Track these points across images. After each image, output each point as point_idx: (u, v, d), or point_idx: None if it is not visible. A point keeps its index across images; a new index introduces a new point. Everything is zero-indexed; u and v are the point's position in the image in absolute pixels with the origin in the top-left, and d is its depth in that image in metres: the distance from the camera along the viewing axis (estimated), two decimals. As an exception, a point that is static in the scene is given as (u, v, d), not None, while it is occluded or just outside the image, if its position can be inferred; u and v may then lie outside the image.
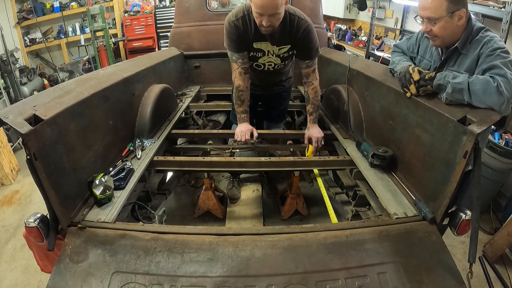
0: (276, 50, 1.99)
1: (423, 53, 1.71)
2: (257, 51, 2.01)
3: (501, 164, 2.58)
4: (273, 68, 2.11)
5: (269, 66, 2.10)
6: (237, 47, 1.95)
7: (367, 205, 1.80)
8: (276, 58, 2.04)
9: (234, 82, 2.05)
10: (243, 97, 2.05)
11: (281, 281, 1.17)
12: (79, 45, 6.45)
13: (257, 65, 2.09)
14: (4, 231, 2.72)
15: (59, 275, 1.16)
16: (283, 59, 2.06)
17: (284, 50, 2.01)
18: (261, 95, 2.37)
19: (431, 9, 1.42)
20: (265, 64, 2.08)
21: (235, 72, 2.02)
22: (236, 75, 2.02)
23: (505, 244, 2.30)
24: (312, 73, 2.05)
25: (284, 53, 2.02)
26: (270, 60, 2.05)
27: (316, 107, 2.13)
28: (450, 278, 1.19)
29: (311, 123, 2.16)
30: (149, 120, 2.12)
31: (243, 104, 2.07)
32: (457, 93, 1.30)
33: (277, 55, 2.02)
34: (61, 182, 1.30)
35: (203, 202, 2.17)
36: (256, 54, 2.03)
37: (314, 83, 2.07)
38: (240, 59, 1.98)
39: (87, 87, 1.59)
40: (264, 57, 2.03)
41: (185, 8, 3.22)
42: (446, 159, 1.33)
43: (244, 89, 2.04)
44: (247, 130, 2.05)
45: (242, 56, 1.98)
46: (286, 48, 1.99)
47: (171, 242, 1.28)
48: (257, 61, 2.06)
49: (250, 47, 1.99)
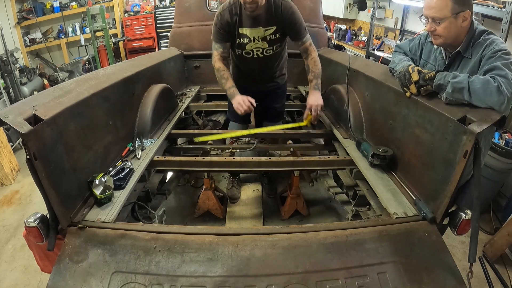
0: (262, 32, 2.05)
1: (427, 57, 1.72)
2: (243, 37, 2.07)
3: (501, 164, 2.58)
4: (263, 54, 2.14)
5: (257, 52, 2.13)
6: (219, 37, 2.08)
7: (367, 205, 1.80)
8: (263, 43, 2.09)
9: (214, 65, 2.14)
10: (225, 75, 2.11)
11: (281, 281, 1.17)
12: (79, 45, 6.46)
13: (246, 52, 2.14)
14: (4, 231, 2.72)
15: (59, 275, 1.16)
16: (270, 42, 2.10)
17: (270, 32, 2.06)
18: (255, 92, 2.34)
19: (436, 8, 1.42)
20: (254, 51, 2.12)
21: (215, 57, 2.13)
22: (216, 60, 2.13)
23: (505, 244, 2.31)
24: (309, 47, 2.14)
25: (270, 35, 2.07)
26: (258, 46, 2.10)
27: (317, 75, 2.15)
28: (450, 278, 1.19)
29: (312, 89, 2.13)
30: (149, 120, 2.11)
31: (227, 81, 2.11)
32: (457, 93, 1.30)
33: (263, 38, 2.06)
34: (61, 182, 1.30)
35: (203, 202, 2.17)
36: (242, 40, 2.09)
37: (313, 54, 2.15)
38: (221, 48, 2.11)
39: (87, 87, 1.59)
40: (251, 43, 2.09)
41: (185, 8, 3.22)
42: (446, 158, 1.33)
43: (225, 69, 2.12)
44: (243, 100, 2.02)
45: (223, 46, 2.11)
46: (272, 29, 2.05)
47: (171, 242, 1.28)
48: (245, 48, 2.11)
49: (235, 34, 2.07)
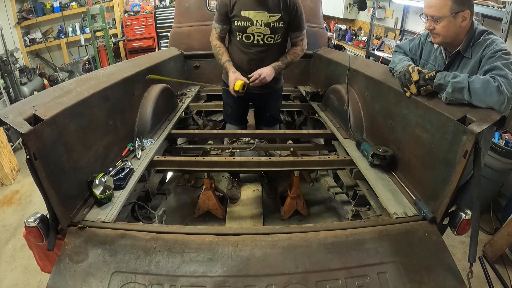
0: (266, 17, 2.06)
1: (427, 57, 1.72)
2: (245, 20, 2.07)
3: (501, 164, 2.58)
4: (263, 42, 2.14)
5: (258, 38, 2.12)
6: (220, 18, 2.15)
7: (367, 205, 1.80)
8: (265, 28, 2.09)
9: (212, 42, 2.25)
10: (221, 50, 2.21)
11: (281, 280, 1.17)
12: (79, 45, 6.46)
13: (246, 36, 2.13)
14: (4, 231, 2.72)
15: (59, 275, 1.16)
16: (273, 30, 2.10)
17: (274, 19, 2.07)
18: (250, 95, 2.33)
19: (435, 7, 1.43)
20: (254, 35, 2.12)
21: (213, 35, 2.24)
22: (214, 38, 2.23)
23: (505, 244, 2.31)
24: (300, 42, 2.24)
25: (274, 22, 2.08)
26: (259, 31, 2.10)
27: (287, 61, 2.21)
28: (450, 277, 1.19)
29: (271, 66, 2.14)
30: (149, 120, 2.11)
31: (223, 55, 2.20)
32: (457, 93, 1.30)
33: (266, 23, 2.07)
34: (61, 182, 1.30)
35: (203, 202, 2.17)
36: (244, 23, 2.08)
37: (297, 48, 2.24)
38: (219, 29, 2.20)
39: (87, 87, 1.59)
40: (253, 26, 2.08)
41: (185, 8, 3.22)
42: (446, 158, 1.33)
43: (221, 46, 2.22)
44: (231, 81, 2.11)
45: (221, 27, 2.19)
46: (277, 16, 2.07)
47: (171, 242, 1.28)
48: (246, 31, 2.11)
49: (238, 16, 2.08)
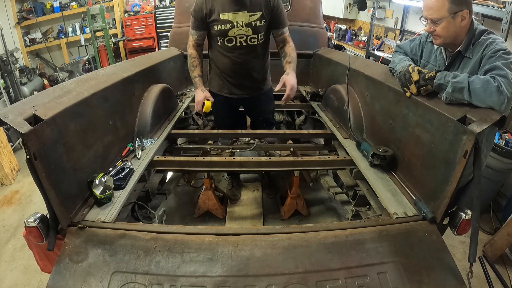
0: (246, 17, 2.01)
1: (427, 57, 1.72)
2: (225, 22, 2.01)
3: (501, 164, 2.58)
4: (246, 43, 2.08)
5: (241, 40, 2.07)
6: (195, 24, 2.11)
7: (367, 204, 1.80)
8: (247, 29, 2.04)
9: (188, 51, 2.20)
10: (195, 62, 2.18)
11: (281, 280, 1.17)
12: (79, 45, 6.46)
13: (228, 40, 2.07)
14: (4, 231, 2.72)
15: (59, 275, 1.16)
16: (255, 30, 2.05)
17: (255, 18, 2.03)
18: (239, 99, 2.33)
19: (434, 9, 1.43)
20: (237, 38, 2.06)
21: (189, 43, 2.18)
22: (190, 46, 2.18)
23: (505, 244, 2.31)
24: (287, 37, 2.20)
25: (256, 21, 2.03)
26: (241, 32, 2.04)
27: (294, 59, 2.18)
28: (450, 277, 1.19)
29: (291, 70, 2.13)
30: (149, 120, 2.11)
31: (196, 69, 2.18)
32: (457, 92, 1.30)
33: (248, 24, 2.02)
34: (61, 182, 1.30)
35: (203, 202, 2.17)
36: (224, 26, 2.02)
37: (290, 42, 2.20)
38: (196, 35, 2.15)
39: (87, 87, 1.59)
40: (234, 29, 2.03)
41: (185, 8, 3.21)
42: (446, 158, 1.33)
43: (196, 57, 2.18)
44: (199, 99, 2.13)
45: (198, 34, 2.14)
46: (258, 15, 2.03)
47: (171, 242, 1.28)
48: (227, 34, 2.05)
49: (217, 20, 2.02)
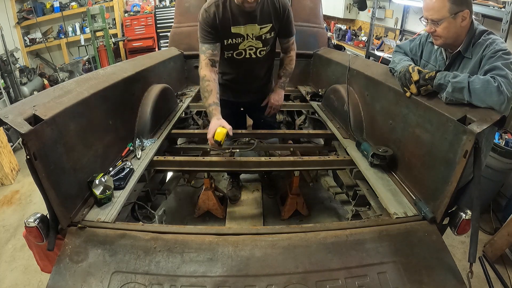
0: (257, 30, 1.95)
1: (428, 58, 1.72)
2: (236, 36, 1.95)
3: (501, 164, 2.58)
4: (255, 55, 2.05)
5: (250, 51, 2.02)
6: (209, 37, 1.90)
7: (367, 204, 1.80)
8: (257, 42, 2.00)
9: (200, 73, 1.94)
10: (209, 87, 1.87)
11: (281, 280, 1.17)
12: (79, 45, 6.46)
13: (238, 53, 2.03)
14: (4, 231, 2.72)
15: (59, 275, 1.16)
16: (265, 42, 2.02)
17: (265, 30, 1.98)
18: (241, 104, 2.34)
19: (434, 10, 1.43)
20: (246, 50, 2.01)
21: (202, 63, 1.94)
22: (203, 66, 1.93)
23: (505, 244, 2.31)
24: (291, 45, 2.19)
25: (265, 34, 1.99)
26: (251, 44, 2.00)
27: (288, 73, 2.20)
28: (450, 277, 1.19)
29: (278, 87, 2.18)
30: (149, 120, 2.11)
31: (210, 95, 1.87)
32: (457, 92, 1.30)
33: (258, 36, 1.98)
34: (61, 182, 1.30)
35: (203, 202, 2.17)
36: (235, 40, 1.97)
37: (292, 53, 2.21)
38: (209, 50, 1.92)
39: (87, 87, 1.59)
40: (244, 41, 1.98)
41: (185, 8, 3.22)
42: (446, 158, 1.33)
43: (211, 80, 1.89)
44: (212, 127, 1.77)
45: (213, 47, 1.92)
46: (268, 27, 1.98)
47: (171, 242, 1.28)
48: (237, 48, 2.00)
49: (227, 34, 1.94)
